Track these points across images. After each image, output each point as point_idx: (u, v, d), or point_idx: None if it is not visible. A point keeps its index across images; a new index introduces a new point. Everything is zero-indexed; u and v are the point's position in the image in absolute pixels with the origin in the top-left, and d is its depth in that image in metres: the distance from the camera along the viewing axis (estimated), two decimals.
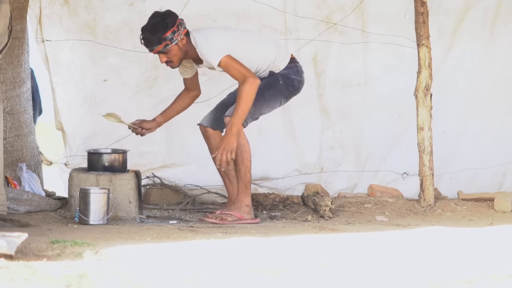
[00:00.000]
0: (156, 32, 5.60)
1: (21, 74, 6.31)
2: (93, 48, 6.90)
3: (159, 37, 5.60)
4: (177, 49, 5.65)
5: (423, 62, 6.33)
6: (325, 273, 3.53)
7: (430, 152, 6.35)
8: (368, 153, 7.20)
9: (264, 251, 4.21)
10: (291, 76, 5.86)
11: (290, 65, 5.89)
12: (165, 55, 5.67)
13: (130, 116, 6.93)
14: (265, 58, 5.81)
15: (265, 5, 6.90)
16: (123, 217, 5.90)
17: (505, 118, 7.22)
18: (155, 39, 5.61)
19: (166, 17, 5.63)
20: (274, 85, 5.82)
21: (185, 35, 5.67)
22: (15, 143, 6.28)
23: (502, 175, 7.26)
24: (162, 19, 5.62)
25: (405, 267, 3.71)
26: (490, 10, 7.11)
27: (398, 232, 5.13)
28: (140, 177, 6.17)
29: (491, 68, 7.18)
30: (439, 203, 6.37)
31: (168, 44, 5.61)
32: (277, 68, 5.86)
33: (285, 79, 5.84)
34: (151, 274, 3.48)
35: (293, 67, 5.90)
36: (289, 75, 5.86)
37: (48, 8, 6.82)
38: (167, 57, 5.68)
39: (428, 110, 6.34)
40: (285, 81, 5.84)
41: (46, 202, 5.92)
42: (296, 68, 5.90)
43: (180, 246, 4.39)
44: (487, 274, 3.47)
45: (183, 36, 5.65)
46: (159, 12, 5.68)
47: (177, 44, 5.64)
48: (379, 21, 7.05)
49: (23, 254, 3.94)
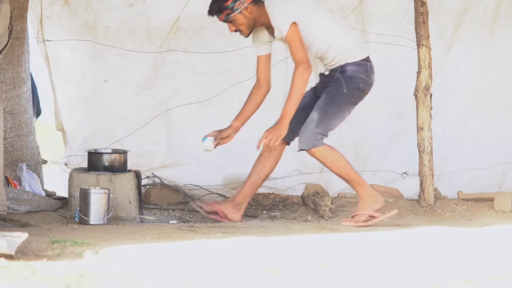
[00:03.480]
0: (217, 1, 5.60)
1: (21, 74, 6.31)
2: (93, 48, 6.91)
3: (220, 5, 5.59)
4: (241, 17, 5.61)
5: (423, 62, 6.33)
6: (325, 273, 3.53)
7: (430, 152, 6.35)
8: (368, 153, 7.21)
9: (264, 251, 4.21)
10: (358, 75, 5.66)
11: (361, 62, 5.69)
12: (231, 24, 5.64)
13: (130, 116, 6.94)
14: (339, 42, 5.64)
15: None
16: (123, 217, 5.91)
17: (505, 118, 7.23)
18: (216, 7, 5.61)
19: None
20: (337, 96, 5.63)
21: (252, 3, 5.59)
22: (15, 143, 6.28)
23: (502, 175, 7.26)
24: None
25: (405, 267, 3.71)
26: (490, 10, 7.12)
27: (398, 232, 5.13)
28: (140, 177, 6.17)
29: (491, 68, 7.18)
30: (439, 203, 6.38)
31: (230, 13, 5.59)
32: (350, 57, 5.66)
33: (349, 83, 5.63)
34: (151, 274, 3.48)
35: (363, 64, 5.69)
36: (356, 74, 5.65)
37: (48, 9, 6.82)
38: (234, 26, 5.65)
39: (428, 110, 6.34)
40: (349, 85, 5.63)
41: (46, 202, 5.92)
42: (366, 67, 5.69)
43: (180, 246, 4.39)
44: (487, 274, 3.48)
45: (249, 4, 5.59)
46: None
47: (241, 12, 5.60)
48: (379, 21, 7.06)
49: (23, 254, 3.94)
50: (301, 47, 5.51)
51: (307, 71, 5.51)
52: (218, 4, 5.60)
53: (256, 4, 5.63)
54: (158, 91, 7.01)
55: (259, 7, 5.63)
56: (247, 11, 5.60)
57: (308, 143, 5.56)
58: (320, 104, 5.64)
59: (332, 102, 5.62)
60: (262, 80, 5.82)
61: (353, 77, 5.66)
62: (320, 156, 5.61)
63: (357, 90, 5.67)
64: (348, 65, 5.67)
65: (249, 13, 5.61)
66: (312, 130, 5.56)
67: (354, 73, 5.67)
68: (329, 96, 5.65)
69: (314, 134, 5.55)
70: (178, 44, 6.96)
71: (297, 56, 5.51)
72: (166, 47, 6.96)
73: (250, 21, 5.63)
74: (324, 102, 5.62)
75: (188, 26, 6.96)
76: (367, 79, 5.70)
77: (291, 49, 5.55)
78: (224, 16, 5.61)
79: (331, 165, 5.65)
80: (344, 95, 5.63)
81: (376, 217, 5.66)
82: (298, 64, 5.51)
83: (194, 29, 6.96)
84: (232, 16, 5.60)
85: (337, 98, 5.63)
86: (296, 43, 5.51)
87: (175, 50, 6.95)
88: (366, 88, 5.72)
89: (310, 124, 5.57)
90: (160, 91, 7.01)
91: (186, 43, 6.96)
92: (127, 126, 6.92)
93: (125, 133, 6.91)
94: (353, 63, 5.68)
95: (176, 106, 6.93)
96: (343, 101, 5.64)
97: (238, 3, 5.57)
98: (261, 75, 5.82)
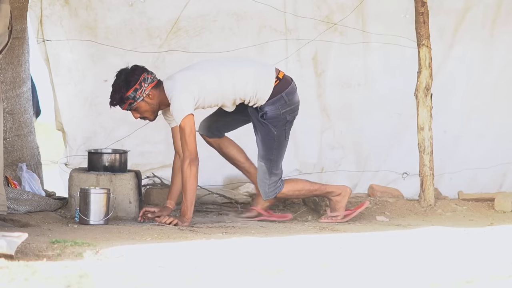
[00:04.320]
0: (118, 91, 5.58)
1: (21, 74, 6.31)
2: (93, 48, 6.90)
3: (121, 96, 5.57)
4: (145, 104, 5.60)
5: (424, 62, 6.33)
6: (325, 273, 3.53)
7: (430, 152, 6.35)
8: (368, 153, 7.20)
9: (264, 251, 4.21)
10: (280, 114, 5.65)
11: (276, 98, 5.64)
12: (135, 112, 5.64)
13: (130, 116, 6.94)
14: (242, 91, 5.63)
15: (265, 5, 6.90)
16: (123, 217, 5.90)
17: (505, 118, 7.23)
18: (117, 98, 5.59)
19: (129, 75, 5.59)
20: (272, 141, 5.68)
21: (154, 88, 5.60)
22: (15, 143, 6.28)
23: (503, 175, 7.26)
24: (125, 77, 5.59)
25: (405, 267, 3.71)
26: (490, 10, 7.11)
27: (398, 232, 5.13)
28: (140, 177, 6.17)
29: (491, 68, 7.18)
30: (439, 203, 6.37)
31: (133, 103, 5.58)
32: (262, 100, 5.65)
33: (275, 123, 5.67)
34: (151, 274, 3.48)
35: (279, 99, 5.65)
36: (278, 114, 5.65)
37: (48, 9, 6.81)
38: (139, 114, 5.65)
39: (429, 110, 6.34)
40: (276, 126, 5.67)
41: (46, 202, 5.92)
42: (283, 99, 5.66)
43: (180, 246, 4.39)
44: (487, 274, 3.47)
45: (150, 90, 5.59)
46: (124, 70, 5.64)
47: (144, 100, 5.59)
48: (379, 21, 7.05)
49: (23, 254, 3.94)
50: (190, 140, 5.52)
51: (194, 164, 5.53)
52: (119, 94, 5.57)
53: (157, 88, 5.63)
54: None
55: (160, 90, 5.63)
56: (149, 98, 5.60)
57: (272, 193, 5.74)
58: (261, 153, 5.73)
59: (270, 148, 5.70)
60: (179, 150, 5.79)
61: (276, 117, 5.68)
62: (285, 195, 5.84)
63: (286, 123, 5.73)
64: (266, 106, 5.67)
65: (151, 99, 5.61)
66: (268, 182, 5.72)
67: (275, 113, 5.68)
68: (264, 143, 5.71)
69: (272, 184, 5.73)
70: (178, 44, 6.96)
71: (185, 149, 5.53)
72: (166, 47, 6.96)
73: (154, 107, 5.64)
74: (264, 151, 5.71)
75: (188, 26, 6.96)
76: (289, 108, 5.70)
77: (181, 140, 5.57)
78: (127, 105, 5.61)
79: (298, 195, 5.93)
80: (277, 135, 5.70)
81: (350, 213, 5.87)
82: (185, 158, 5.54)
83: (194, 29, 6.96)
84: (135, 105, 5.60)
85: (273, 142, 5.70)
86: (187, 135, 5.51)
87: (175, 50, 6.95)
88: (295, 115, 5.77)
89: (263, 176, 5.73)
90: None
91: (186, 43, 6.96)
92: (127, 126, 6.91)
93: (125, 133, 6.91)
94: (269, 103, 5.66)
95: None
96: (279, 140, 5.72)
97: (140, 92, 5.57)
98: (178, 146, 5.80)
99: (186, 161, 5.53)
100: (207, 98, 5.62)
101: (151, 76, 5.63)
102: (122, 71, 5.64)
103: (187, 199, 5.55)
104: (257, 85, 5.64)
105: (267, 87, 5.66)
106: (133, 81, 5.57)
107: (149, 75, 5.62)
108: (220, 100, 5.67)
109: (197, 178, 5.57)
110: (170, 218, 5.57)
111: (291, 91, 5.70)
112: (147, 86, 5.58)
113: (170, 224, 5.53)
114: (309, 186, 5.83)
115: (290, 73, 7.09)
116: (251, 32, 7.02)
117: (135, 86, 5.55)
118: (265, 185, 5.72)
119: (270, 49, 7.02)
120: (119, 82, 5.59)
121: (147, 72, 5.64)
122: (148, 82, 5.59)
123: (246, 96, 5.64)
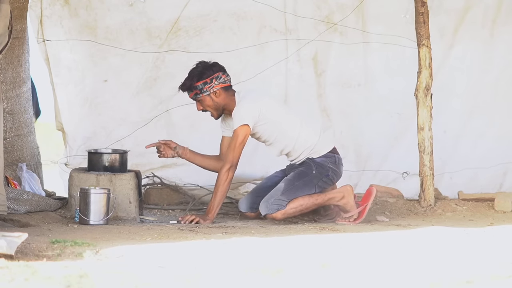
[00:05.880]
0: (190, 79, 5.77)
1: (21, 74, 6.31)
2: (93, 48, 6.90)
3: (191, 84, 5.76)
4: (209, 99, 5.77)
5: (424, 62, 6.33)
6: (325, 273, 3.53)
7: (430, 152, 6.35)
8: (369, 153, 7.21)
9: (264, 251, 4.21)
10: (327, 165, 5.84)
11: (329, 154, 5.87)
12: (199, 103, 5.81)
13: (130, 116, 6.93)
14: (304, 139, 5.81)
15: (265, 5, 6.90)
16: (123, 217, 5.90)
17: (505, 118, 7.23)
18: (187, 84, 5.78)
19: (206, 68, 5.76)
20: (306, 175, 5.80)
21: (223, 89, 5.75)
22: (15, 143, 6.28)
23: (503, 175, 7.26)
24: (202, 69, 5.76)
25: (405, 267, 3.71)
26: (490, 10, 7.12)
27: (398, 232, 5.13)
28: (140, 177, 6.17)
29: (492, 68, 7.18)
30: (439, 203, 6.37)
31: (198, 93, 5.75)
32: (316, 154, 5.84)
33: (319, 168, 5.81)
34: (151, 274, 3.48)
35: (331, 156, 5.88)
36: (325, 164, 5.83)
37: (48, 9, 6.82)
38: (201, 106, 5.81)
39: (429, 110, 6.34)
40: (318, 170, 5.81)
41: (46, 202, 5.92)
42: (334, 158, 5.88)
43: (180, 246, 4.39)
44: (487, 274, 3.47)
45: (218, 89, 5.74)
46: (205, 62, 5.80)
47: (210, 95, 5.75)
48: (379, 21, 7.05)
49: (23, 254, 3.94)
50: (239, 149, 5.71)
51: (233, 170, 5.72)
52: (190, 82, 5.78)
53: (226, 91, 5.78)
54: (158, 91, 7.02)
55: (229, 95, 5.79)
56: (215, 95, 5.77)
57: (272, 208, 5.72)
58: (288, 177, 5.82)
59: (300, 177, 5.79)
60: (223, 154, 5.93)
61: (323, 165, 5.85)
62: (287, 215, 5.76)
63: (326, 176, 5.84)
64: (318, 158, 5.86)
65: (217, 97, 5.77)
66: (277, 197, 5.73)
67: (323, 162, 5.85)
68: (298, 173, 5.83)
69: (278, 200, 5.73)
70: (178, 44, 6.96)
71: (230, 155, 5.71)
72: (166, 47, 6.96)
73: (217, 105, 5.80)
74: (293, 176, 5.81)
75: (188, 26, 6.96)
76: (336, 169, 5.88)
77: (230, 144, 5.74)
78: (193, 95, 5.80)
79: (302, 210, 5.80)
80: (314, 175, 5.81)
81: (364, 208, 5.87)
82: (227, 162, 5.71)
83: (194, 29, 6.96)
84: (200, 97, 5.77)
85: (306, 176, 5.81)
86: (238, 142, 5.69)
87: (175, 50, 6.95)
88: (334, 178, 5.90)
89: (276, 192, 5.76)
90: (160, 91, 7.01)
91: (186, 43, 6.96)
92: (127, 126, 6.92)
93: (125, 133, 6.91)
94: (321, 156, 5.86)
95: (176, 106, 6.93)
96: (311, 179, 5.80)
97: (208, 86, 5.75)
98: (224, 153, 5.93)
99: (226, 166, 5.71)
100: (267, 127, 5.76)
101: (225, 77, 5.79)
102: (202, 62, 5.82)
103: (216, 199, 5.73)
104: (319, 142, 5.85)
105: (327, 144, 5.90)
106: (206, 75, 5.75)
107: (224, 76, 5.79)
108: (273, 138, 5.80)
109: (230, 184, 5.75)
110: (191, 216, 5.72)
111: (341, 161, 5.95)
112: (217, 83, 5.76)
113: (191, 222, 5.68)
114: (309, 198, 5.81)
115: (290, 73, 7.11)
116: (251, 32, 7.02)
117: (206, 79, 5.74)
118: (271, 199, 5.73)
119: (270, 49, 7.03)
120: (195, 71, 5.79)
121: (223, 73, 5.81)
122: (219, 81, 5.77)
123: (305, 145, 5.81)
